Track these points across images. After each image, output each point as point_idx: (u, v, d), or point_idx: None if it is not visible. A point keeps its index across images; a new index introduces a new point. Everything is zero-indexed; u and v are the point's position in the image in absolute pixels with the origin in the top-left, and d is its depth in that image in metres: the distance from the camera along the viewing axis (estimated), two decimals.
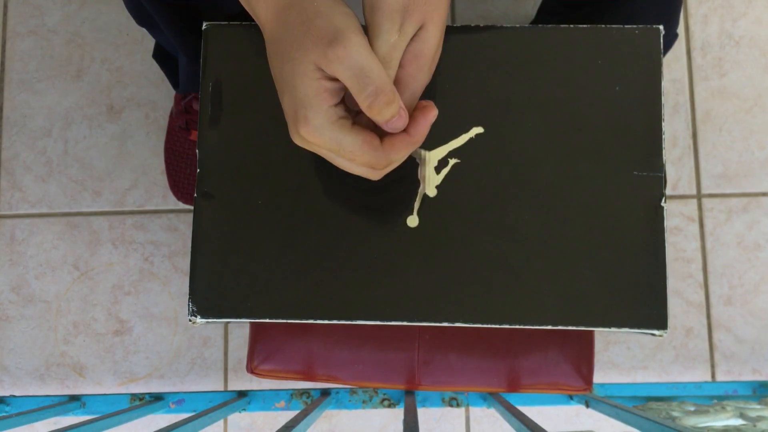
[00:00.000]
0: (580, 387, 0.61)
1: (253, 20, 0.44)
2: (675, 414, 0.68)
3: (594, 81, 0.48)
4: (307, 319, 0.47)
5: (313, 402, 0.74)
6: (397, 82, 0.40)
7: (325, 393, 0.80)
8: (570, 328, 0.46)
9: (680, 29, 0.95)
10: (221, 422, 0.91)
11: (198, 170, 0.48)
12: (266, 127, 0.48)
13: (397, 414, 0.89)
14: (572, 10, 0.70)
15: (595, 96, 0.47)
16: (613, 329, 0.46)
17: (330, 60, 0.37)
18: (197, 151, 0.48)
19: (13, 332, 0.92)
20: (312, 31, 0.37)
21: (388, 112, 0.38)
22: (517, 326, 0.46)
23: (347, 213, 0.47)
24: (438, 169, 0.47)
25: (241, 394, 0.82)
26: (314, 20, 0.37)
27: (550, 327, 0.46)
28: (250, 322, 0.63)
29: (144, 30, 0.76)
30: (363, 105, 0.38)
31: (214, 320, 0.47)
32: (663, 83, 0.48)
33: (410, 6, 0.39)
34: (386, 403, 0.80)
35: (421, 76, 0.41)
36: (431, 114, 0.41)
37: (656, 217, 0.46)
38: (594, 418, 0.88)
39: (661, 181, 0.47)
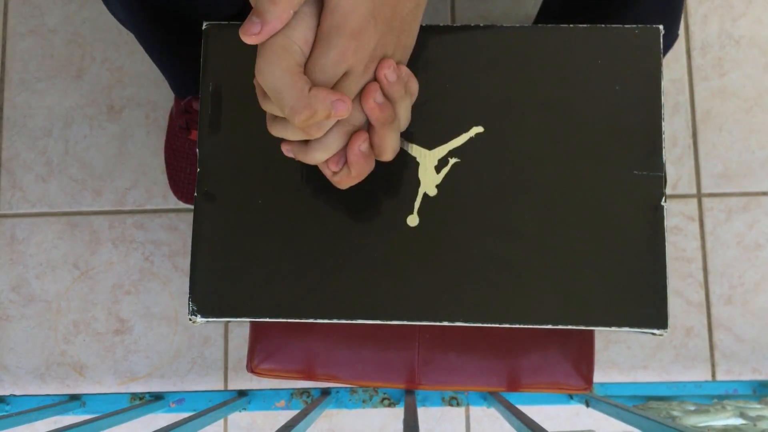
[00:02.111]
0: (580, 386, 0.61)
1: None
2: (675, 413, 0.68)
3: (594, 81, 0.48)
4: (307, 318, 0.47)
5: (314, 401, 0.74)
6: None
7: (325, 392, 0.80)
8: (570, 327, 0.46)
9: (680, 29, 0.95)
10: (221, 422, 0.91)
11: (198, 170, 0.48)
12: (266, 127, 0.48)
13: (397, 413, 0.89)
14: (573, 15, 0.70)
15: (595, 96, 0.47)
16: (613, 329, 0.46)
17: None
18: (197, 150, 0.48)
19: (14, 331, 0.92)
20: None
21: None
22: (518, 326, 0.46)
23: (347, 213, 0.47)
24: (438, 169, 0.47)
25: (242, 393, 0.82)
26: None
27: (550, 326, 0.46)
28: (250, 322, 0.63)
29: None
30: None
31: (215, 319, 0.47)
32: (663, 83, 0.48)
33: None
34: (386, 402, 0.80)
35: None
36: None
37: (656, 217, 0.46)
38: (594, 418, 0.88)
39: (661, 181, 0.47)
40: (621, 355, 0.90)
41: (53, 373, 0.92)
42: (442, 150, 0.48)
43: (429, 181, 0.47)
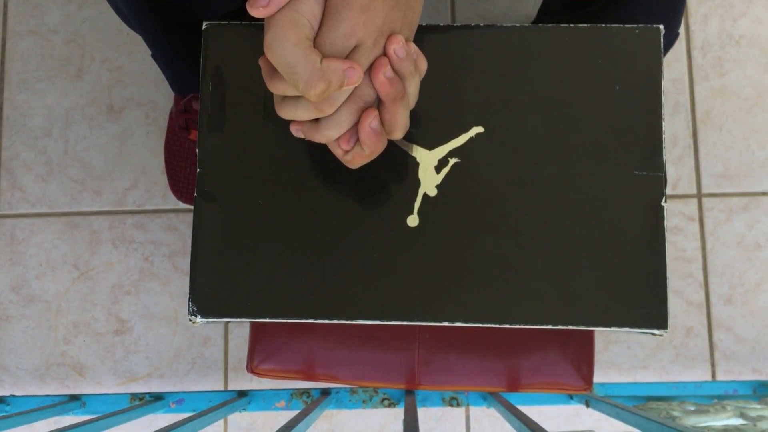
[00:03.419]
0: (580, 386, 0.61)
1: (250, 20, 0.44)
2: (675, 414, 0.68)
3: (594, 81, 0.48)
4: (307, 319, 0.47)
5: (314, 402, 0.74)
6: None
7: (325, 393, 0.80)
8: (570, 327, 0.46)
9: (680, 29, 0.95)
10: (221, 422, 0.91)
11: (198, 170, 0.48)
12: (266, 127, 0.48)
13: (398, 414, 0.89)
14: (574, 9, 0.70)
15: (595, 96, 0.47)
16: (613, 329, 0.46)
17: None
18: (197, 150, 0.48)
19: (14, 332, 0.92)
20: None
21: None
22: (518, 326, 0.46)
23: (347, 213, 0.47)
24: (438, 169, 0.47)
25: (242, 393, 0.82)
26: None
27: (550, 327, 0.46)
28: (250, 322, 0.63)
29: None
30: None
31: (214, 320, 0.47)
32: (663, 83, 0.48)
33: None
34: (386, 402, 0.80)
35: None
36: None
37: (656, 217, 0.46)
38: (594, 418, 0.88)
39: (662, 181, 0.47)
40: (621, 355, 0.90)
41: (53, 374, 0.92)
42: (442, 150, 0.48)
43: (429, 182, 0.47)
